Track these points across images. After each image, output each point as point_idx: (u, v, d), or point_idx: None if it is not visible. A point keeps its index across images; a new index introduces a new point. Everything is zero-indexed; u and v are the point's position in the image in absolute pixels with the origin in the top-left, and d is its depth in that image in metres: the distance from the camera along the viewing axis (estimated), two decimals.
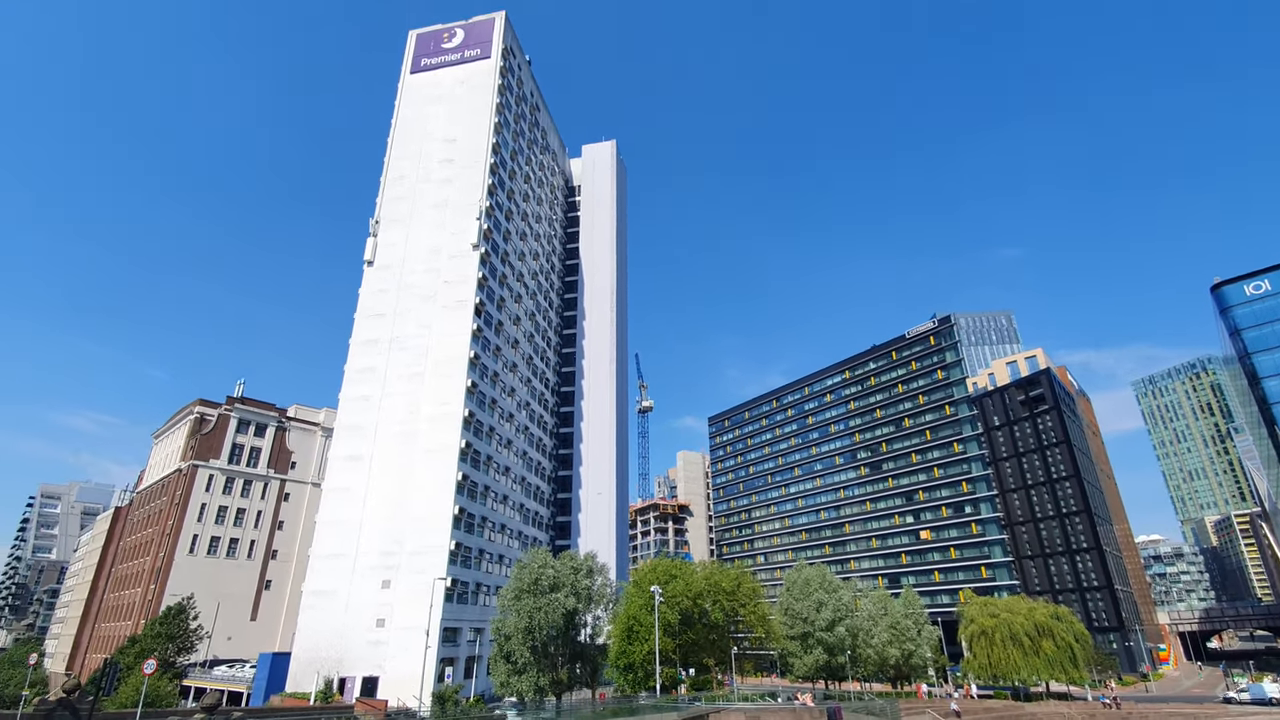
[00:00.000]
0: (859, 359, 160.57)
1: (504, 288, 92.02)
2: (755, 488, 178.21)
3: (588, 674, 54.96)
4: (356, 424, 78.71)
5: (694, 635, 57.33)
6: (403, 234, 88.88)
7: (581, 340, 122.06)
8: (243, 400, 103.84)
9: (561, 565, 53.68)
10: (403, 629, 65.04)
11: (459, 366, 77.88)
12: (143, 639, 71.56)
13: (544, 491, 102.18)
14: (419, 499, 71.70)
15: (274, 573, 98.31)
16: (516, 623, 50.46)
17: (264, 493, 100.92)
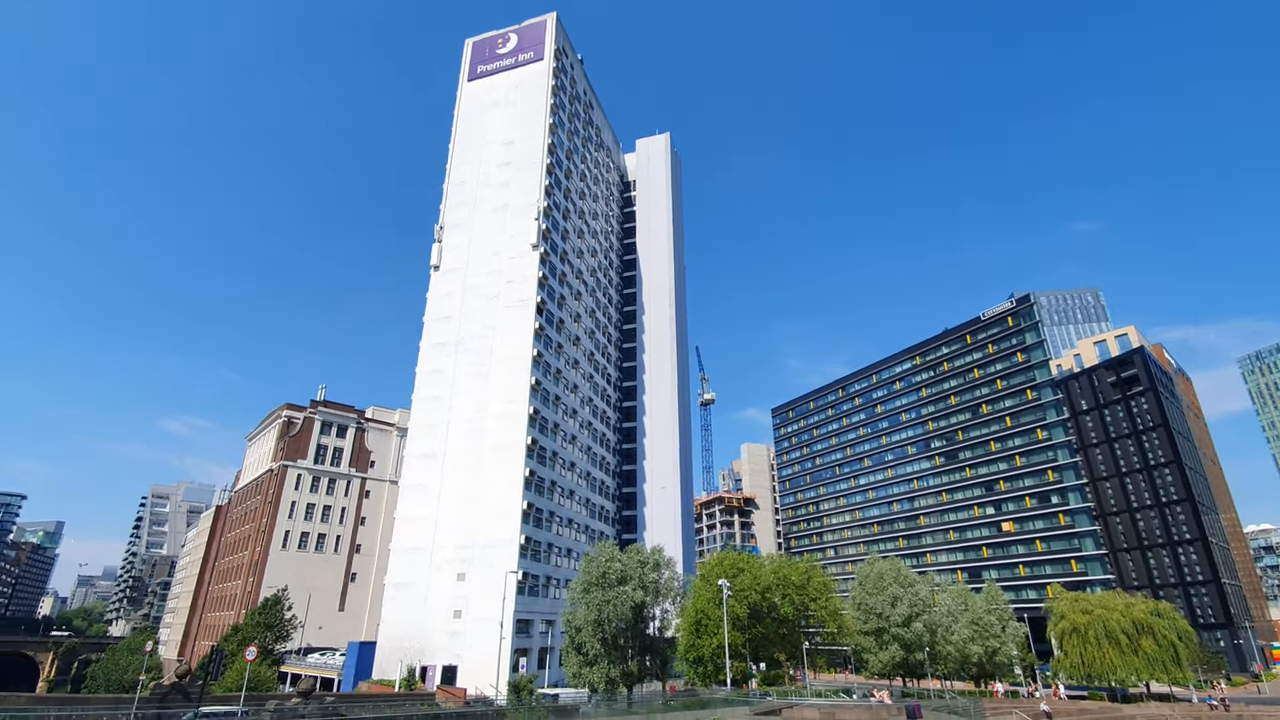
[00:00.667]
0: (930, 344, 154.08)
1: (564, 285, 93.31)
2: (823, 479, 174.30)
3: (657, 666, 55.27)
4: (429, 423, 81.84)
5: (763, 629, 56.62)
6: (466, 238, 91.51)
7: (641, 335, 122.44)
8: (325, 403, 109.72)
9: (628, 559, 54.15)
10: (478, 620, 67.25)
11: (523, 365, 79.57)
12: (244, 628, 76.90)
13: (609, 486, 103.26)
14: (489, 495, 73.85)
15: (358, 566, 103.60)
16: (586, 615, 51.31)
17: (346, 490, 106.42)
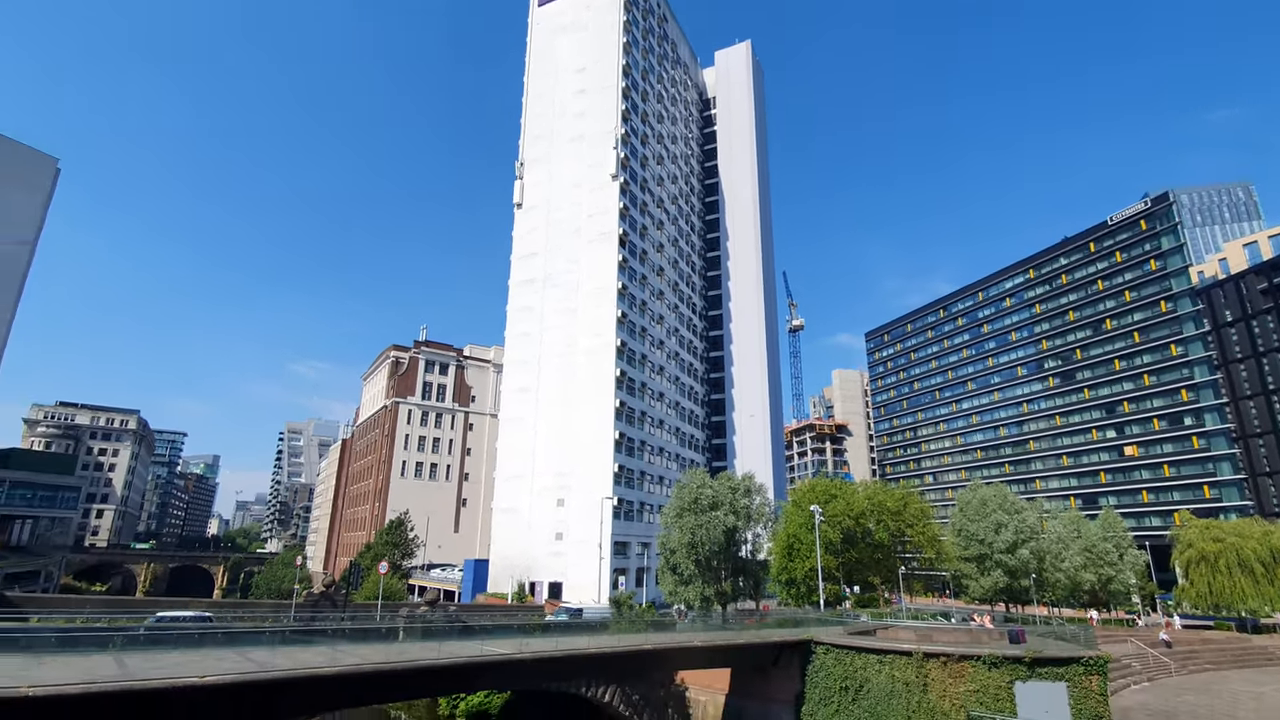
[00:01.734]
0: (1047, 255, 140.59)
1: (645, 215, 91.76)
2: (921, 404, 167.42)
3: (750, 587, 56.63)
4: (521, 359, 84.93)
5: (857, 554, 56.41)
6: (546, 173, 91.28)
7: (726, 261, 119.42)
8: (427, 343, 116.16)
9: (719, 485, 54.88)
10: (578, 542, 71.19)
11: (608, 299, 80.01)
12: (375, 546, 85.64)
13: (697, 415, 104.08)
14: (582, 426, 76.44)
15: (467, 492, 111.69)
16: (679, 538, 52.94)
17: (452, 424, 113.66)
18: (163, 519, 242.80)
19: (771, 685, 33.32)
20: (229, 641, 23.22)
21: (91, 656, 18.46)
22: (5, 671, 15.32)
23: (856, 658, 30.44)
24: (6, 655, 17.83)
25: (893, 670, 28.91)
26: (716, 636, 34.51)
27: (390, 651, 22.54)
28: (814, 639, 32.43)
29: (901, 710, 27.77)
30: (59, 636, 21.29)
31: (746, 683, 34.63)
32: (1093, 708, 27.08)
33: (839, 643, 31.49)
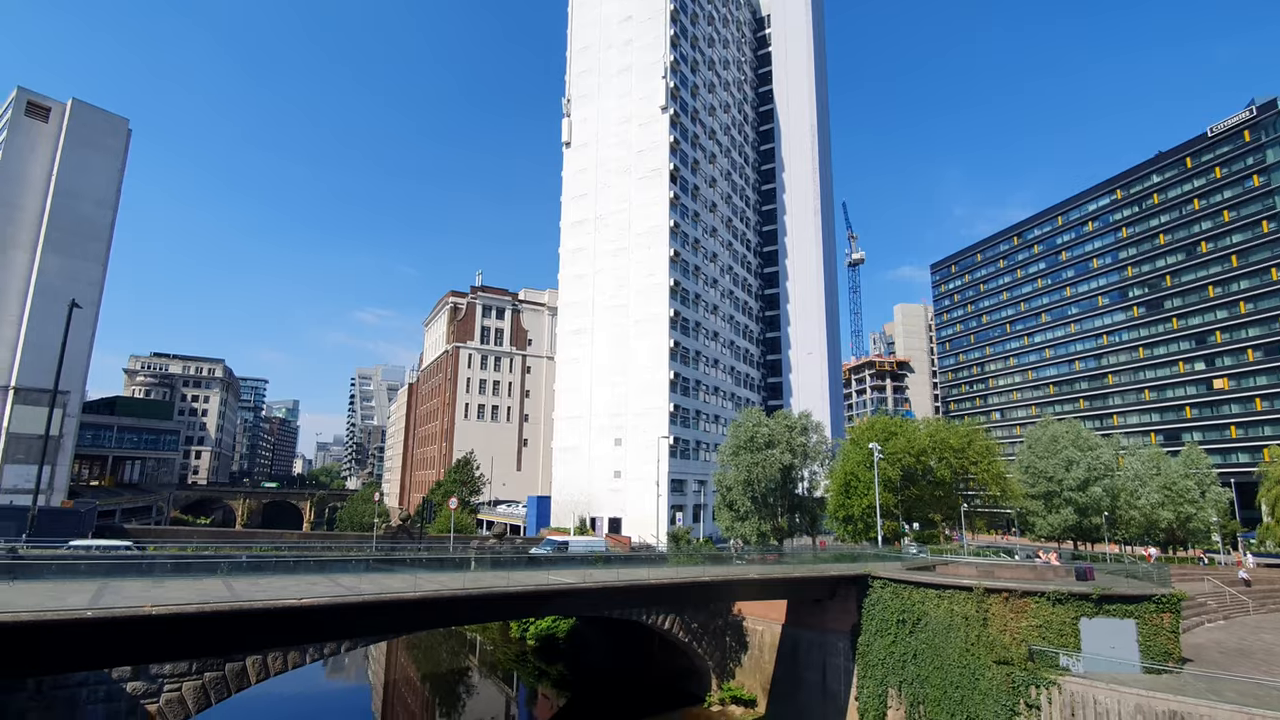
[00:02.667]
0: (1136, 173, 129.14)
1: (696, 149, 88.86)
2: (990, 339, 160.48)
3: (807, 523, 57.27)
4: (575, 301, 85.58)
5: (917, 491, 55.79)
6: (594, 109, 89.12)
7: (782, 194, 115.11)
8: (483, 289, 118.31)
9: (775, 424, 54.95)
10: (635, 479, 73.12)
11: (659, 237, 78.91)
12: (445, 483, 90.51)
13: (753, 354, 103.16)
14: (636, 366, 77.16)
15: (528, 432, 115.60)
16: (736, 475, 53.73)
17: (510, 367, 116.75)
18: (253, 459, 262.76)
19: (828, 616, 34.02)
20: (320, 569, 25.31)
21: (203, 580, 20.53)
22: (131, 593, 17.25)
23: (914, 592, 30.58)
24: (131, 579, 20.03)
25: (951, 605, 28.94)
26: (773, 570, 35.25)
27: (465, 579, 24.09)
28: (871, 573, 32.69)
29: (959, 642, 27.93)
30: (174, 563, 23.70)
31: (803, 614, 35.46)
32: (1162, 644, 26.52)
33: (897, 577, 31.64)
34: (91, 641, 15.63)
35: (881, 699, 30.21)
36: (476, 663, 51.60)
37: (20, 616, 13.96)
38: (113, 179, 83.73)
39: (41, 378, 72.10)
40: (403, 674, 49.64)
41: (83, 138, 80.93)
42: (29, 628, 14.06)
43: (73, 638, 15.14)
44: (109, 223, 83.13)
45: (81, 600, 15.80)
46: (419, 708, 42.07)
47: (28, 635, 14.28)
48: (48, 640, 14.87)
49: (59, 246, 77.49)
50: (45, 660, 16.53)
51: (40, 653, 15.44)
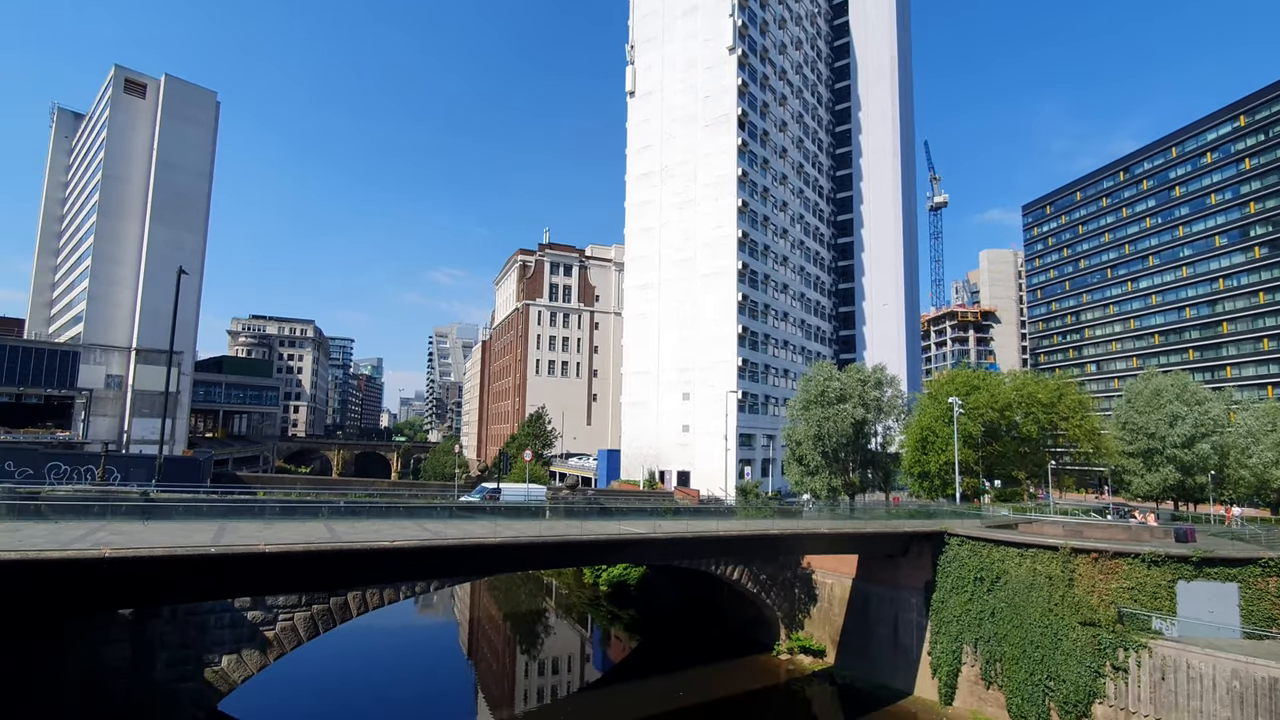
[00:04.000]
0: (1262, 97, 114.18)
1: (766, 91, 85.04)
2: (1087, 285, 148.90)
3: (879, 478, 56.14)
4: (641, 255, 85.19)
5: (1000, 447, 53.36)
6: (658, 54, 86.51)
7: (858, 135, 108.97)
8: (551, 246, 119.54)
9: (847, 377, 53.53)
10: (704, 434, 73.50)
11: (727, 187, 76.85)
12: (519, 437, 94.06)
13: (824, 306, 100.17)
14: (703, 320, 76.57)
15: (596, 388, 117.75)
16: (806, 430, 52.98)
17: (579, 323, 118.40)
18: (344, 414, 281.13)
19: (901, 572, 33.59)
20: (408, 515, 27.13)
21: (307, 523, 22.43)
22: (246, 533, 19.09)
23: (994, 550, 29.66)
24: (246, 521, 22.17)
25: (1035, 564, 27.92)
26: (843, 525, 34.96)
27: (541, 528, 25.21)
28: (948, 530, 31.90)
29: (1041, 602, 27.02)
30: (281, 507, 25.99)
31: (874, 569, 35.16)
32: (1266, 609, 24.80)
33: (975, 535, 30.75)
34: (215, 574, 17.47)
35: (955, 655, 29.84)
36: (553, 605, 54.38)
37: (155, 551, 15.74)
38: (206, 150, 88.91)
39: (158, 339, 79.03)
40: (485, 613, 53.00)
41: (177, 112, 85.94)
42: (163, 561, 15.85)
43: (200, 571, 16.96)
44: (205, 192, 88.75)
45: (205, 539, 17.62)
46: (501, 644, 44.95)
47: (162, 567, 16.09)
48: (179, 572, 16.71)
49: (163, 217, 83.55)
50: (178, 590, 18.65)
51: (174, 583, 17.41)
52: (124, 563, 15.16)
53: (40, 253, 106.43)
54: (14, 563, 13.95)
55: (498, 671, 39.64)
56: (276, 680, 30.17)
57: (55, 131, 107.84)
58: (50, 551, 14.55)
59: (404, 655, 40.44)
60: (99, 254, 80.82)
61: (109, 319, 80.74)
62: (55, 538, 16.31)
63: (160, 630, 22.56)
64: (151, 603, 21.58)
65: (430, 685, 35.43)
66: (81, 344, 79.03)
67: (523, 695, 34.76)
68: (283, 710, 29.48)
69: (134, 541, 16.36)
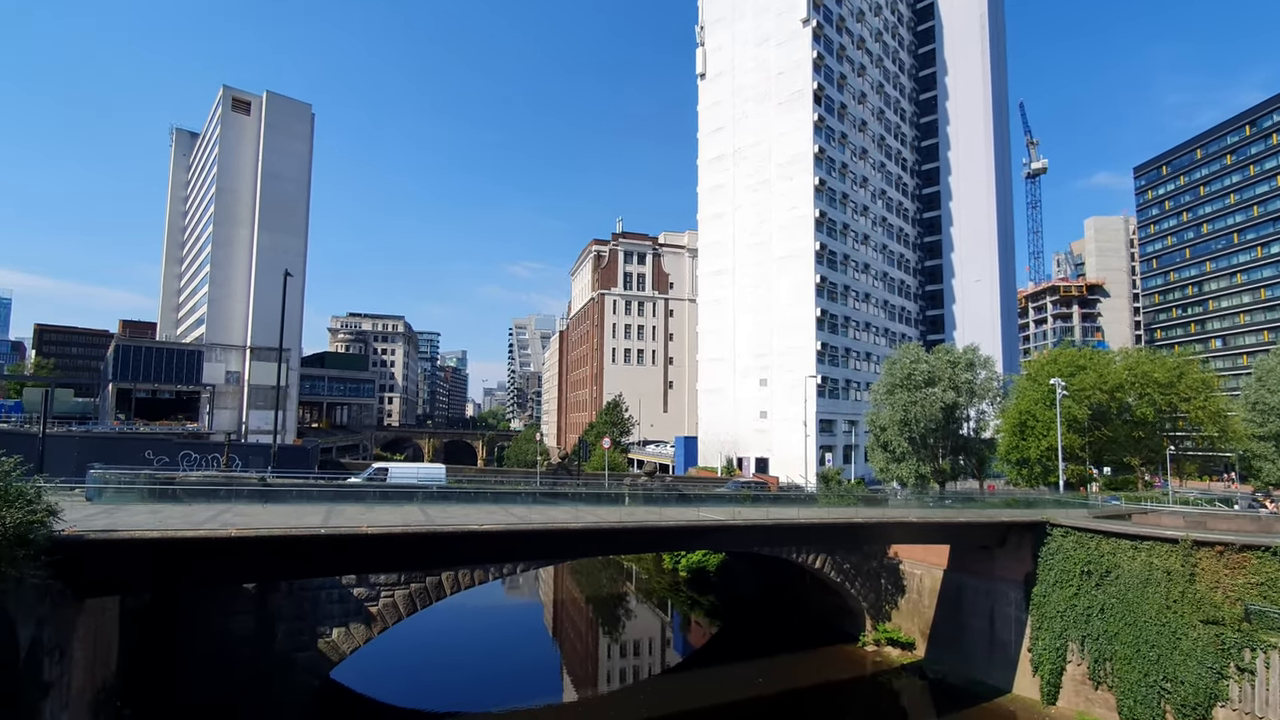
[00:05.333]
0: None
1: (843, 62, 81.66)
2: (1210, 251, 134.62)
3: (973, 465, 53.42)
4: (715, 241, 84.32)
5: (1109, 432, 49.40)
6: (728, 34, 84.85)
7: (944, 101, 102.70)
8: (624, 235, 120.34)
9: (936, 359, 51.05)
10: (781, 420, 72.23)
11: (802, 165, 74.64)
12: (596, 424, 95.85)
13: (909, 285, 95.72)
14: (780, 305, 74.99)
15: (672, 375, 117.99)
16: (891, 415, 51.01)
17: (653, 311, 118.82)
18: (432, 404, 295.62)
19: (997, 564, 31.89)
20: (494, 500, 28.30)
21: (403, 507, 23.87)
22: (350, 516, 20.55)
23: (1103, 542, 27.59)
24: (350, 504, 23.85)
25: (1150, 557, 25.77)
26: (933, 514, 33.52)
27: (620, 513, 25.67)
28: (1050, 521, 29.95)
29: (1158, 599, 24.94)
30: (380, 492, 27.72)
31: (968, 560, 33.55)
32: None
33: (1082, 525, 28.70)
34: (325, 553, 18.94)
35: (1059, 652, 28.09)
36: (633, 589, 55.34)
37: (274, 532, 17.27)
38: (304, 159, 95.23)
39: (269, 337, 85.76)
40: (568, 595, 54.65)
41: (278, 125, 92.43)
42: (281, 540, 17.37)
43: (312, 550, 18.45)
44: (305, 199, 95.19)
45: (315, 521, 19.12)
46: (584, 625, 46.26)
47: (280, 546, 17.65)
48: (295, 551, 18.25)
49: (269, 224, 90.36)
50: (294, 567, 20.37)
51: (290, 561, 19.03)
52: (248, 542, 16.72)
53: (167, 261, 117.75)
54: (156, 541, 15.68)
55: (581, 652, 40.87)
56: (381, 653, 32.43)
57: (175, 150, 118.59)
58: (185, 531, 16.24)
59: (494, 633, 42.43)
60: (216, 260, 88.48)
61: (226, 320, 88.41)
62: (189, 519, 18.17)
63: (279, 604, 24.74)
64: (271, 578, 23.69)
65: (519, 661, 37.02)
66: (204, 344, 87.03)
67: (605, 676, 35.70)
68: (387, 680, 31.67)
69: (255, 523, 18.00)
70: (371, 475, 37.56)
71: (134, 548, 15.42)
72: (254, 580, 23.60)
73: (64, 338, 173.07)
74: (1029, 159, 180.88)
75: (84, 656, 16.51)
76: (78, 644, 15.84)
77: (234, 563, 17.98)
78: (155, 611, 22.91)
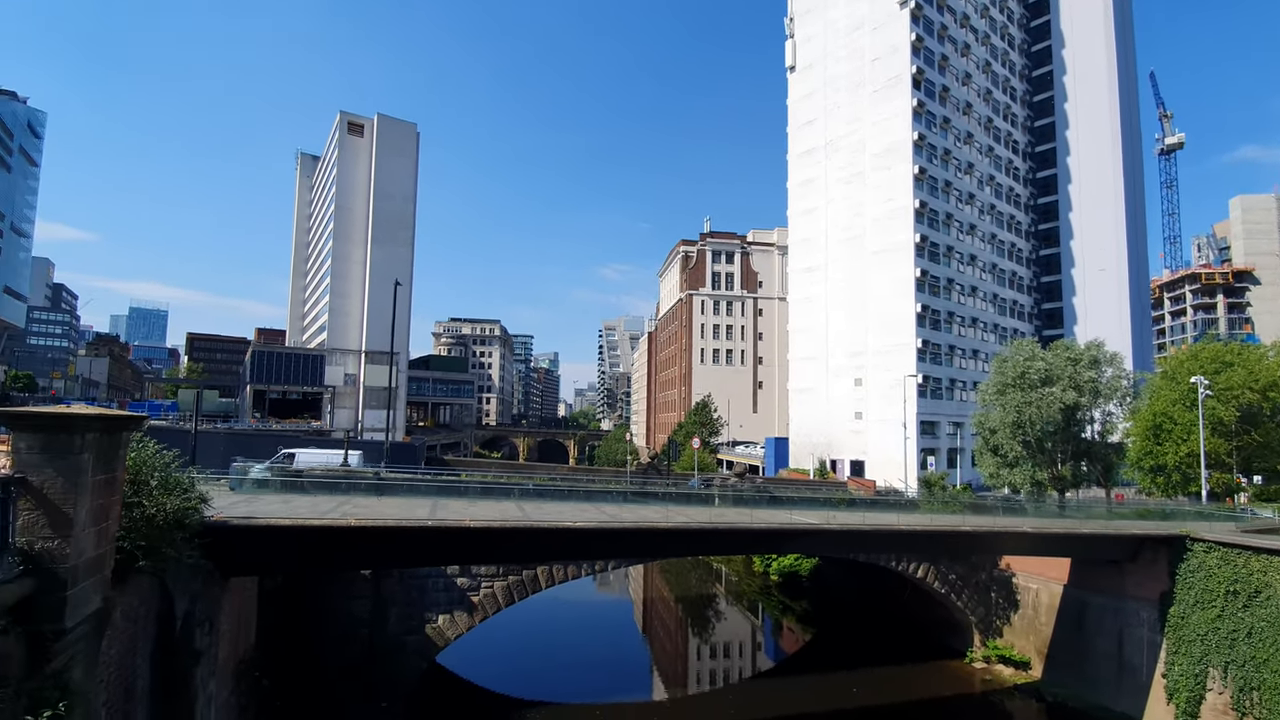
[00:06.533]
0: None
1: (945, 43, 77.21)
2: None
3: (1097, 472, 48.98)
4: (805, 237, 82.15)
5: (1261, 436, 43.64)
6: (819, 23, 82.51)
7: (1061, 76, 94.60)
8: (712, 235, 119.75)
9: (1054, 356, 47.16)
10: (878, 421, 69.23)
11: (900, 154, 71.28)
12: (685, 425, 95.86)
13: (1021, 277, 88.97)
14: (876, 301, 71.96)
15: (762, 375, 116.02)
16: (1002, 417, 47.58)
17: (742, 310, 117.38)
18: (527, 404, 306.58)
19: (1127, 580, 29.05)
20: (587, 498, 29.05)
21: (501, 502, 25.06)
22: (454, 510, 21.84)
23: (1254, 559, 24.49)
24: (453, 499, 25.33)
25: None
26: (1051, 524, 31.02)
27: (710, 514, 25.62)
28: (1190, 534, 26.94)
29: None
30: (481, 488, 29.23)
31: (1092, 575, 30.79)
32: None
33: (1229, 540, 25.62)
34: (432, 544, 20.21)
35: (1198, 680, 25.19)
36: (722, 591, 54.91)
37: (388, 523, 18.67)
38: (410, 177, 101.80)
39: (380, 342, 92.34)
40: (657, 593, 55.02)
41: (387, 145, 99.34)
42: (394, 531, 18.73)
43: (421, 540, 19.74)
44: (411, 213, 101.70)
45: (424, 513, 20.45)
46: (673, 625, 46.43)
47: (393, 536, 19.01)
48: (406, 541, 19.60)
49: (380, 238, 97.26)
50: (405, 555, 21.84)
51: (401, 549, 20.44)
52: (366, 531, 18.15)
53: (294, 274, 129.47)
54: (288, 528, 17.36)
55: (670, 651, 41.05)
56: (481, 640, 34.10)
57: (299, 173, 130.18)
58: (313, 520, 17.87)
59: (587, 627, 43.49)
60: (335, 273, 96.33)
61: (344, 327, 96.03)
62: (315, 509, 19.96)
63: (391, 590, 26.60)
64: (385, 565, 25.52)
65: (610, 656, 37.77)
66: (325, 349, 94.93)
67: (695, 676, 35.67)
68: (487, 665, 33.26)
69: (372, 514, 19.50)
70: (279, 460, 34.17)
71: (270, 534, 17.13)
72: (370, 567, 25.51)
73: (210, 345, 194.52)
74: (1162, 134, 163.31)
75: (228, 630, 18.51)
76: (223, 619, 17.78)
77: (354, 550, 19.53)
78: (286, 593, 25.27)
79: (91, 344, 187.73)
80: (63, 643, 9.40)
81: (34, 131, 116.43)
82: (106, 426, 10.49)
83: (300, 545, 18.23)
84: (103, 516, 10.53)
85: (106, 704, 11.16)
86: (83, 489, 9.78)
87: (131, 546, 11.61)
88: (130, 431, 11.64)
